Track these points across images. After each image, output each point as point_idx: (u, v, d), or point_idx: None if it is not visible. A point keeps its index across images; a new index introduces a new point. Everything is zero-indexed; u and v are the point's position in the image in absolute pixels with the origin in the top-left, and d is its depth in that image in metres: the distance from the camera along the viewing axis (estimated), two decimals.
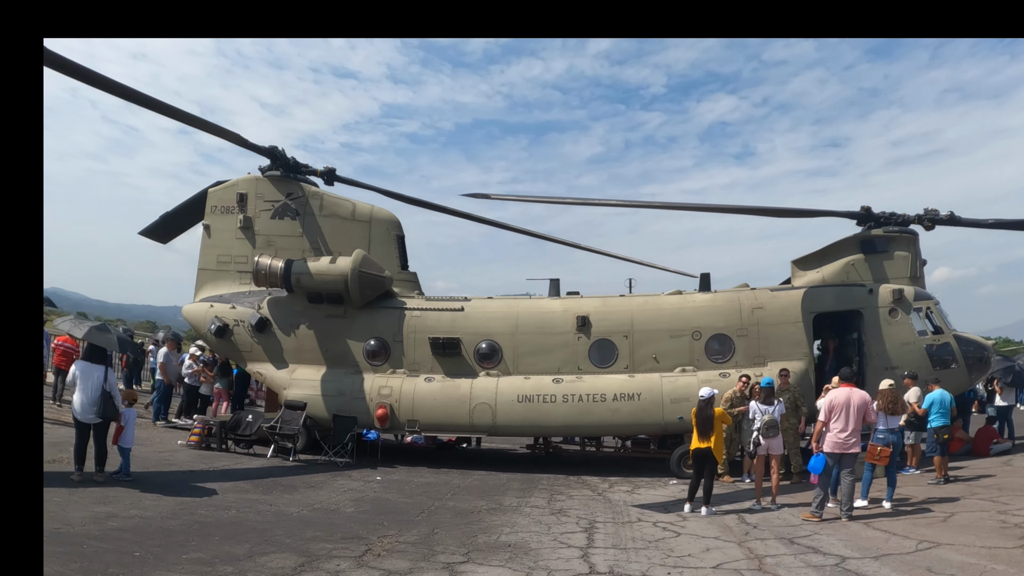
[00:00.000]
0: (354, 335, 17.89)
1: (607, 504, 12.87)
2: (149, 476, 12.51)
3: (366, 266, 17.54)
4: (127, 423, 12.14)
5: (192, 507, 10.35)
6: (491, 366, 17.37)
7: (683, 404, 16.12)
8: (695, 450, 12.35)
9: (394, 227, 18.96)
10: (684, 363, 16.82)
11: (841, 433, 11.46)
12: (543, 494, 13.74)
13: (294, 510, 10.80)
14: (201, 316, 18.66)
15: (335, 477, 14.46)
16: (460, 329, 17.53)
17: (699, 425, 12.26)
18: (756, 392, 14.89)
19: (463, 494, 13.40)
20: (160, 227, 20.94)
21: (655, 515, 11.88)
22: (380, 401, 17.11)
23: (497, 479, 15.44)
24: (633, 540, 9.90)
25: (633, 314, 17.24)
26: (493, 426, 16.85)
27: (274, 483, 13.15)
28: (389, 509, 11.49)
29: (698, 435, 12.28)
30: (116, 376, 12.82)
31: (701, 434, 12.22)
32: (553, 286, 18.52)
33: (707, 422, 12.16)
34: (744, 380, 15.31)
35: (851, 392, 11.64)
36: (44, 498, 9.80)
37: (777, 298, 16.96)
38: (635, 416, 16.38)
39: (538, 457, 19.08)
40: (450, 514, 11.37)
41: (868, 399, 11.76)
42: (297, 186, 19.11)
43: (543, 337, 17.31)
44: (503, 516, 11.38)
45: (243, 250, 19.06)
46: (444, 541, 9.38)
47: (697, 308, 17.16)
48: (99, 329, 12.32)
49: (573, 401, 16.51)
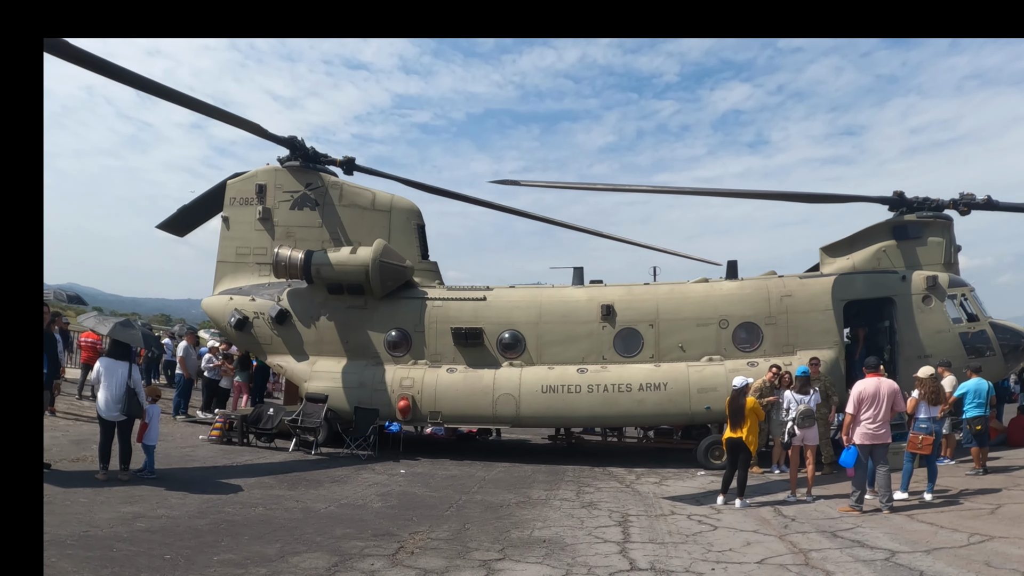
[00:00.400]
0: (375, 326, 17.67)
1: (637, 496, 12.60)
2: (173, 473, 12.33)
3: (387, 256, 17.29)
4: (151, 420, 11.91)
5: (219, 505, 10.13)
6: (514, 356, 17.11)
7: (710, 394, 15.86)
8: (728, 440, 12.05)
9: (414, 216, 18.70)
10: (711, 352, 16.50)
11: (871, 424, 11.17)
12: (571, 486, 13.49)
13: (321, 506, 10.57)
14: (221, 309, 18.49)
15: (359, 471, 14.24)
16: (483, 319, 17.27)
17: (731, 415, 11.96)
18: (785, 382, 14.60)
19: (489, 487, 13.16)
20: (178, 220, 20.82)
21: (688, 508, 11.59)
22: (402, 393, 16.87)
23: (522, 471, 15.19)
24: (670, 534, 9.62)
25: (659, 302, 16.92)
26: (517, 417, 16.59)
27: (298, 478, 12.94)
28: (417, 504, 11.25)
29: (731, 425, 11.98)
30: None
31: (734, 424, 11.91)
32: (577, 275, 18.20)
33: (739, 412, 11.85)
34: (774, 370, 14.98)
35: (880, 382, 11.34)
36: (71, 499, 9.75)
37: (806, 285, 16.60)
38: (661, 406, 16.09)
39: (560, 448, 18.87)
40: (479, 508, 11.12)
41: (897, 388, 11.46)
42: (316, 176, 18.88)
43: (567, 326, 17.03)
44: (533, 510, 11.13)
45: (262, 242, 18.88)
46: (477, 537, 9.13)
47: (724, 296, 16.83)
48: (123, 325, 12.07)
49: (598, 391, 16.23)
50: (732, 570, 7.85)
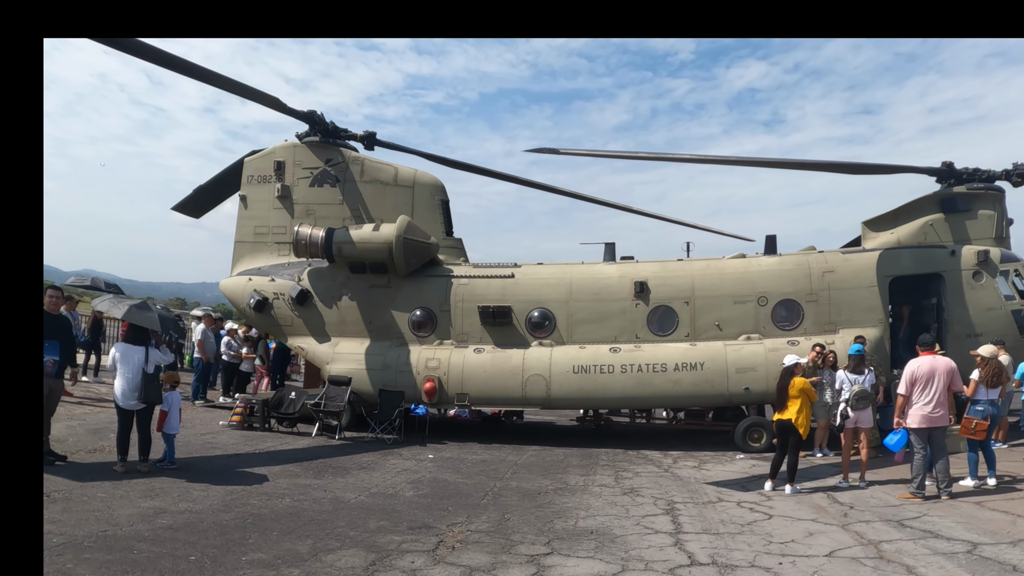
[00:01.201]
0: (399, 305, 17.10)
1: (678, 482, 12.02)
2: (195, 463, 11.80)
3: (411, 232, 16.69)
4: (171, 408, 11.32)
5: (244, 497, 9.57)
6: (544, 336, 16.52)
7: (749, 374, 15.25)
8: (777, 422, 11.43)
9: (438, 191, 18.07)
10: (749, 330, 15.84)
11: (927, 406, 10.50)
12: (607, 471, 12.92)
13: (351, 496, 10.02)
14: (239, 290, 17.98)
15: (385, 456, 13.71)
16: (511, 297, 16.67)
17: (780, 396, 11.32)
18: (829, 361, 13.97)
19: (523, 472, 12.61)
20: (193, 201, 20.38)
21: (735, 494, 11.00)
22: (427, 374, 16.33)
23: (553, 455, 14.63)
24: (723, 523, 9.03)
25: (694, 279, 16.26)
26: (547, 399, 16.01)
27: (324, 465, 12.40)
28: (450, 492, 10.70)
29: (779, 406, 11.36)
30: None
31: (781, 405, 11.28)
32: (608, 250, 17.52)
33: (783, 392, 11.22)
34: (817, 349, 14.29)
35: (935, 360, 10.67)
36: (89, 494, 9.12)
37: (850, 261, 15.87)
38: (698, 387, 15.47)
39: (588, 430, 18.30)
40: (516, 496, 10.56)
41: (955, 367, 10.76)
42: (336, 151, 18.28)
43: (599, 304, 16.40)
44: (573, 497, 10.57)
45: (281, 220, 18.33)
46: (519, 528, 8.56)
47: (763, 272, 16.14)
48: (139, 308, 11.31)
49: (632, 371, 15.63)
50: (801, 564, 7.25)
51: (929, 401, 10.49)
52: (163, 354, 11.34)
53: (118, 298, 11.62)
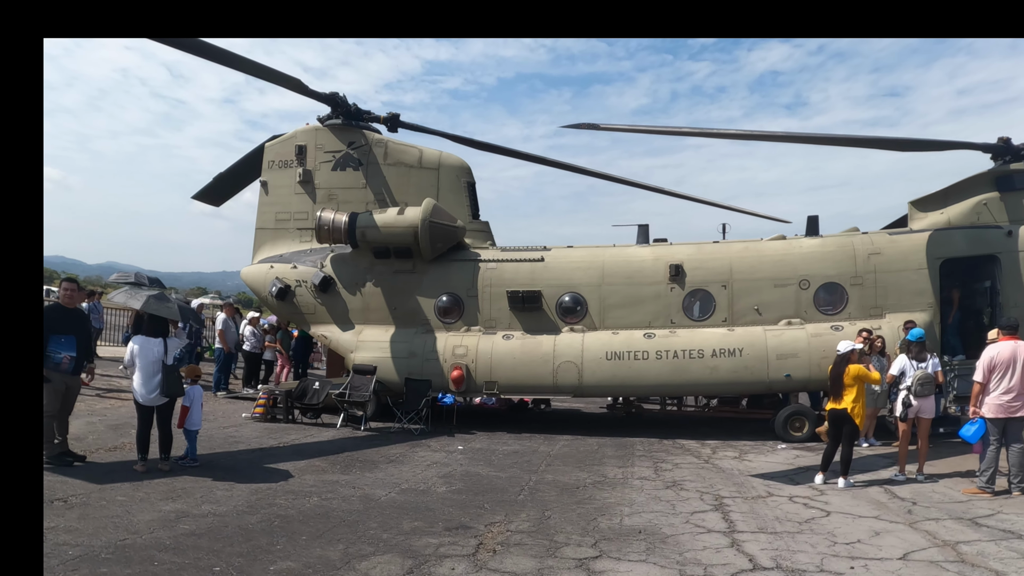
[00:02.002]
0: (425, 291, 16.56)
1: (721, 474, 11.43)
2: (217, 459, 11.30)
3: (437, 216, 16.13)
4: (192, 403, 10.77)
5: (269, 496, 9.04)
6: (575, 321, 15.93)
7: (790, 361, 14.62)
8: (830, 411, 10.79)
9: (464, 173, 17.48)
10: (790, 315, 15.17)
11: (1005, 395, 9.76)
12: (645, 462, 12.35)
13: (381, 493, 9.48)
14: (261, 278, 17.52)
15: (413, 448, 13.19)
16: (540, 281, 16.08)
17: (833, 383, 10.68)
18: (876, 347, 13.33)
19: (558, 464, 12.06)
20: (213, 189, 20.03)
21: (785, 487, 10.39)
22: (455, 362, 15.80)
23: (586, 445, 14.08)
24: (779, 521, 8.43)
25: (732, 261, 15.59)
26: (579, 386, 15.43)
27: (351, 459, 11.88)
28: (485, 487, 10.15)
29: (833, 395, 10.72)
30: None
31: (835, 393, 10.64)
32: (641, 232, 16.87)
33: (838, 380, 10.57)
34: (864, 334, 13.61)
35: (1017, 346, 9.88)
36: (107, 497, 8.53)
37: (897, 243, 15.12)
38: (736, 374, 14.83)
39: (619, 418, 17.73)
40: (554, 491, 10.01)
41: None
42: (359, 134, 17.73)
43: (632, 288, 15.78)
44: (614, 492, 10.00)
45: (303, 206, 17.85)
46: (562, 527, 8.00)
47: (804, 254, 15.44)
48: (157, 299, 10.74)
49: (667, 358, 15.02)
50: (875, 568, 6.63)
51: (1009, 390, 9.74)
52: (180, 338, 10.83)
53: (135, 289, 11.06)
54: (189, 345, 19.36)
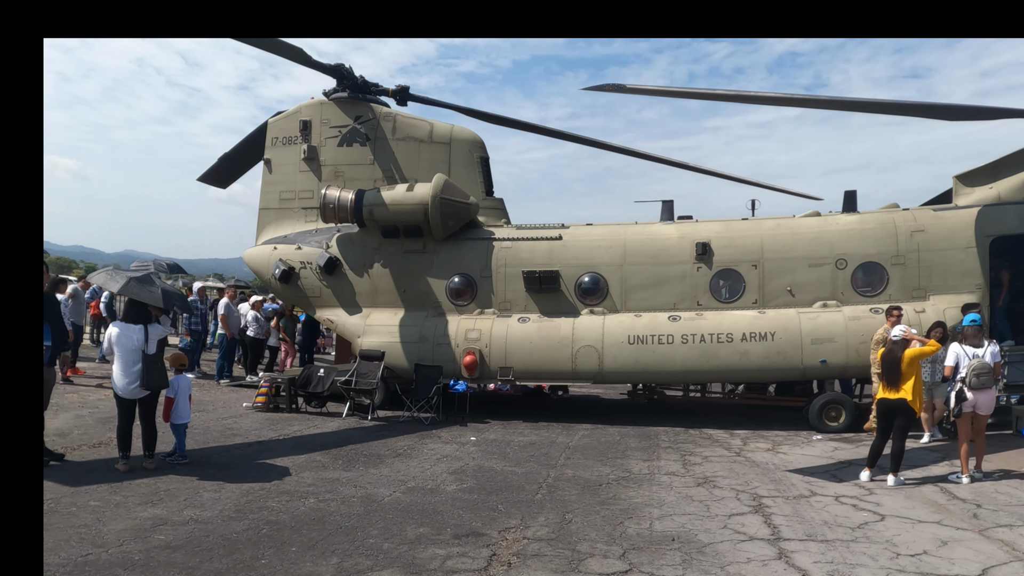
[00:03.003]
0: (436, 272, 15.67)
1: (755, 468, 10.51)
2: (210, 454, 10.45)
3: (448, 192, 15.21)
4: (178, 394, 9.86)
5: (261, 498, 8.18)
6: (595, 303, 15.00)
7: (826, 345, 13.66)
8: (881, 401, 9.82)
9: (477, 148, 16.53)
10: (825, 296, 14.18)
11: None
12: (671, 455, 11.46)
13: (385, 492, 8.60)
14: (264, 260, 16.70)
15: (423, 439, 12.33)
16: (558, 261, 15.14)
17: (886, 371, 9.70)
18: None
19: (578, 457, 11.18)
20: (219, 170, 19.25)
21: (828, 485, 9.47)
22: (468, 347, 14.91)
23: (607, 435, 13.19)
24: (827, 526, 7.52)
25: (763, 239, 14.59)
26: (600, 373, 14.51)
27: (355, 452, 11.02)
28: (499, 484, 9.28)
29: (885, 383, 9.74)
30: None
31: (889, 382, 9.67)
32: (666, 209, 15.83)
33: (895, 367, 9.59)
34: (896, 314, 12.60)
35: None
36: (79, 502, 7.50)
37: (942, 219, 14.05)
38: (769, 359, 13.87)
39: (639, 405, 16.82)
40: (575, 488, 9.12)
41: None
42: (367, 108, 16.82)
43: (656, 268, 14.83)
44: (640, 489, 9.11)
45: (308, 184, 16.98)
46: (585, 534, 7.12)
47: (842, 232, 14.40)
48: (140, 281, 9.66)
49: (694, 342, 14.07)
50: None
51: None
52: (163, 326, 9.92)
53: (116, 271, 10.11)
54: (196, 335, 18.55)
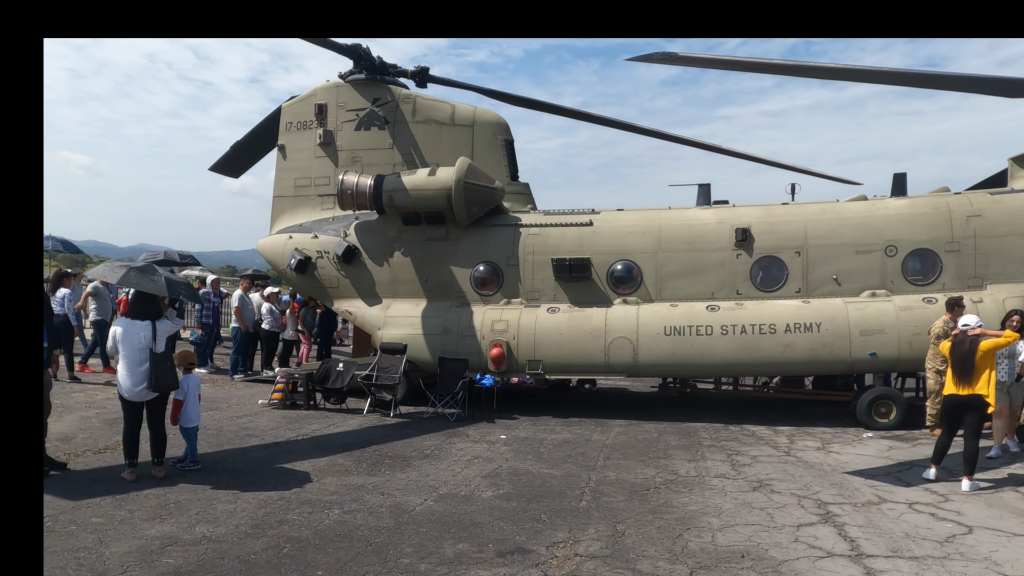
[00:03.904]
0: (459, 260, 14.92)
1: (810, 470, 9.74)
2: (224, 458, 9.74)
3: (472, 176, 14.43)
4: (188, 395, 9.08)
5: (280, 509, 7.45)
6: (628, 292, 14.22)
7: (876, 337, 12.85)
8: (949, 398, 9.05)
9: (501, 131, 15.75)
10: (874, 285, 13.35)
11: None
12: (716, 454, 10.70)
13: (416, 501, 7.87)
14: (279, 250, 16.00)
15: (450, 438, 11.60)
16: (589, 247, 14.36)
17: (957, 365, 8.90)
18: None
19: (617, 457, 10.44)
20: (231, 159, 18.52)
21: (895, 490, 8.70)
22: (494, 339, 14.17)
23: (644, 432, 12.45)
24: (911, 539, 6.75)
25: (807, 225, 13.76)
26: (634, 365, 13.74)
27: (379, 454, 10.29)
28: (538, 489, 8.54)
29: (955, 378, 8.95)
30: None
31: (959, 377, 8.87)
32: (702, 193, 15.02)
33: (967, 360, 8.79)
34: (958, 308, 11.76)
35: None
36: (79, 519, 6.69)
37: (1001, 203, 13.15)
38: (814, 352, 13.06)
39: (671, 399, 16.05)
40: (621, 493, 8.39)
41: None
42: (385, 90, 16.05)
43: (693, 255, 14.03)
44: (692, 495, 8.36)
45: (324, 170, 16.26)
46: (643, 548, 6.38)
47: (891, 217, 13.54)
48: (141, 271, 8.73)
49: (734, 333, 13.29)
50: None
51: None
52: (173, 322, 9.13)
53: (116, 262, 9.24)
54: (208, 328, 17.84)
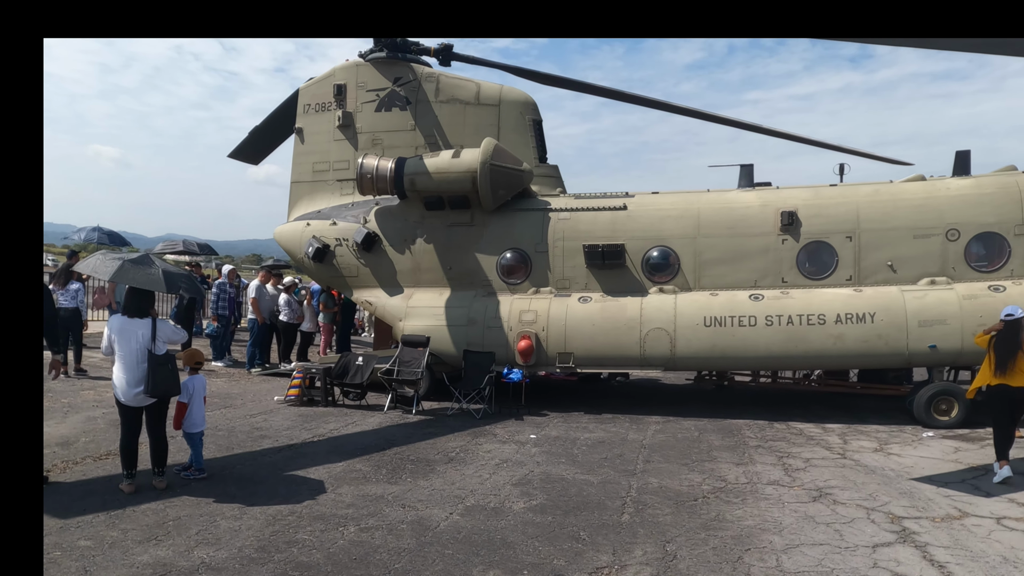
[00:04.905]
0: (485, 247, 14.11)
1: (872, 476, 8.84)
2: (232, 464, 8.96)
3: (499, 158, 13.58)
4: (192, 398, 8.25)
5: (290, 527, 6.63)
6: (665, 280, 13.35)
7: (936, 328, 11.89)
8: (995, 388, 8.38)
9: (529, 110, 14.88)
10: (933, 272, 12.36)
11: None
12: (765, 457, 9.82)
13: (440, 515, 7.05)
14: (296, 238, 15.29)
15: (476, 438, 10.79)
16: (623, 233, 13.48)
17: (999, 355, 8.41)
18: None
19: (657, 460, 9.59)
20: (249, 146, 17.88)
21: (975, 501, 7.78)
22: (522, 330, 13.35)
23: (683, 430, 11.60)
24: (1009, 563, 5.88)
25: (859, 207, 12.78)
26: (672, 358, 12.86)
27: (400, 457, 9.48)
28: (574, 500, 7.71)
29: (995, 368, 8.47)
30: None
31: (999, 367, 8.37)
32: (745, 174, 14.04)
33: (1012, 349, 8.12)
34: None
35: None
36: (67, 542, 5.93)
37: None
38: (868, 344, 12.11)
39: (707, 392, 15.28)
40: (667, 505, 7.53)
41: None
42: (407, 68, 15.25)
43: (735, 240, 13.11)
44: (746, 507, 7.49)
45: (343, 153, 15.53)
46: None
47: (953, 198, 12.52)
48: (136, 263, 7.76)
49: (780, 324, 12.38)
50: None
51: None
52: (174, 332, 8.22)
53: (108, 254, 8.38)
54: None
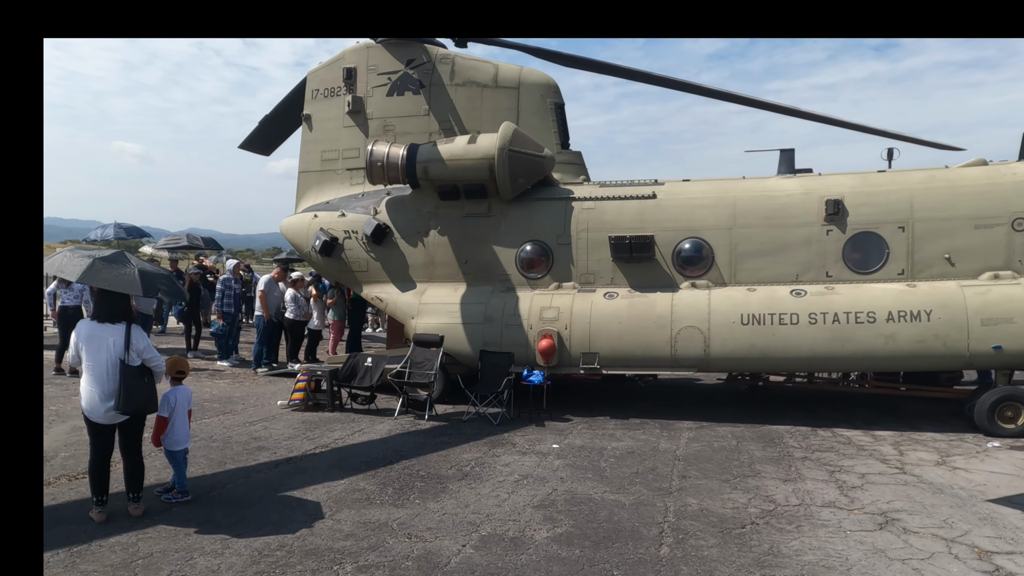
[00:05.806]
0: (503, 239, 13.15)
1: (940, 496, 7.82)
2: (222, 482, 8.01)
3: (518, 143, 12.61)
4: (175, 412, 7.27)
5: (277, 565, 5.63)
6: (697, 274, 12.34)
7: (1002, 328, 10.83)
8: None
9: (551, 92, 13.91)
10: (997, 266, 11.26)
11: None
12: (814, 471, 8.81)
13: (451, 548, 6.06)
14: (303, 230, 14.47)
15: (493, 448, 9.83)
16: (652, 224, 12.48)
17: None
18: None
19: (694, 475, 8.60)
20: (260, 135, 17.12)
21: None
22: (543, 329, 12.39)
23: (719, 437, 10.60)
24: None
25: (912, 195, 11.69)
26: (706, 359, 11.84)
27: (409, 473, 8.51)
28: (604, 526, 6.73)
29: None
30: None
31: None
32: (785, 159, 12.97)
33: None
34: None
35: None
36: None
37: None
38: (923, 344, 11.03)
39: (741, 392, 14.30)
40: (710, 533, 6.55)
41: None
42: (420, 49, 14.33)
43: (774, 231, 12.07)
44: (802, 535, 6.49)
45: (353, 141, 14.67)
46: None
47: (1019, 183, 11.38)
48: (108, 261, 6.79)
49: (824, 322, 11.34)
50: None
51: None
52: (151, 353, 6.94)
53: (77, 251, 7.37)
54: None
